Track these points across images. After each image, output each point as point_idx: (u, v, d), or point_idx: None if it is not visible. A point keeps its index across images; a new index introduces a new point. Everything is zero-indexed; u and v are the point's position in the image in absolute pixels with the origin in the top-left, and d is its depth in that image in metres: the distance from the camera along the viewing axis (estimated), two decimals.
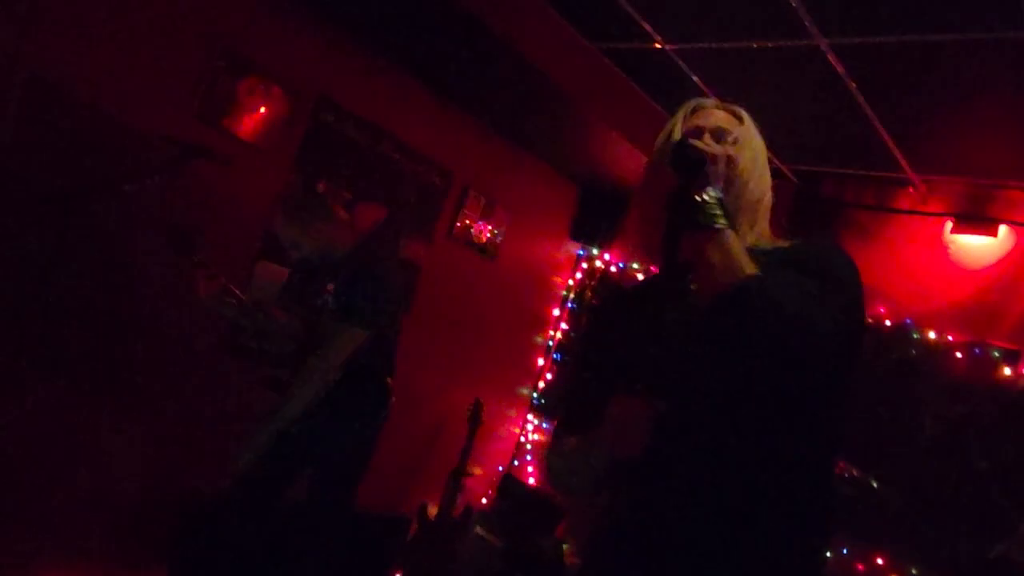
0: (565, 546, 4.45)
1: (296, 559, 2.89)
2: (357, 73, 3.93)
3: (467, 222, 4.61)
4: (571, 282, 5.28)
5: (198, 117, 3.34)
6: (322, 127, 3.84)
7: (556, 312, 5.24)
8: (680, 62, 3.54)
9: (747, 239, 1.40)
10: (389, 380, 3.04)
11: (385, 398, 2.98)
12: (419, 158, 4.29)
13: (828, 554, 1.38)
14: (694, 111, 1.58)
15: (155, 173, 2.66)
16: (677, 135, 1.52)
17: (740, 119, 1.56)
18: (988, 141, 3.47)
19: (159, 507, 3.37)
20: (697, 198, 1.26)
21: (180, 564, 2.94)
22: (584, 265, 5.26)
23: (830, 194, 4.32)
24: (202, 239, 2.77)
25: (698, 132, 1.52)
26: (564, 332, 5.20)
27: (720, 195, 1.29)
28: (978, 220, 3.85)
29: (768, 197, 1.55)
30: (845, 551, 3.67)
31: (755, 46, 3.19)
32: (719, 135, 1.52)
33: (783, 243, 1.50)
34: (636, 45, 3.54)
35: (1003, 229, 3.77)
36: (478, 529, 4.37)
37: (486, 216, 4.71)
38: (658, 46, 3.47)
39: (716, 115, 1.56)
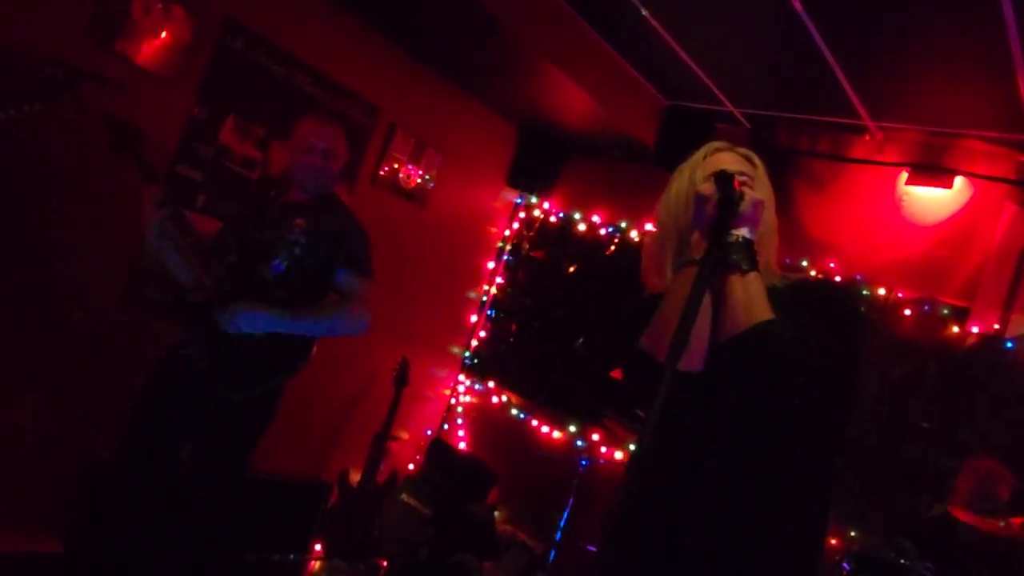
0: (497, 512, 4.51)
1: (197, 526, 2.82)
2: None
3: (394, 165, 4.51)
4: (508, 232, 5.24)
5: (87, 36, 3.14)
6: (230, 55, 3.66)
7: (491, 265, 5.21)
8: None
9: (764, 278, 1.54)
10: None
11: (307, 351, 2.91)
12: (341, 92, 4.14)
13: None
14: (708, 155, 1.70)
15: (35, 99, 2.49)
16: (700, 180, 1.63)
17: (754, 163, 1.69)
18: (948, 89, 3.52)
19: (55, 474, 3.27)
20: (732, 238, 1.45)
21: (76, 532, 2.85)
22: (522, 214, 5.23)
23: (784, 141, 4.37)
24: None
25: (724, 175, 1.62)
26: (500, 287, 5.18)
27: (751, 237, 1.49)
28: (933, 171, 3.93)
29: (777, 238, 1.71)
30: None
31: None
32: (741, 179, 1.61)
33: (790, 276, 1.69)
34: None
35: (958, 181, 3.87)
36: (404, 496, 4.38)
37: (415, 159, 4.60)
38: None
39: (733, 158, 1.68)
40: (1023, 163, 3.78)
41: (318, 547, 4.10)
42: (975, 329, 3.73)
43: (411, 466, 4.84)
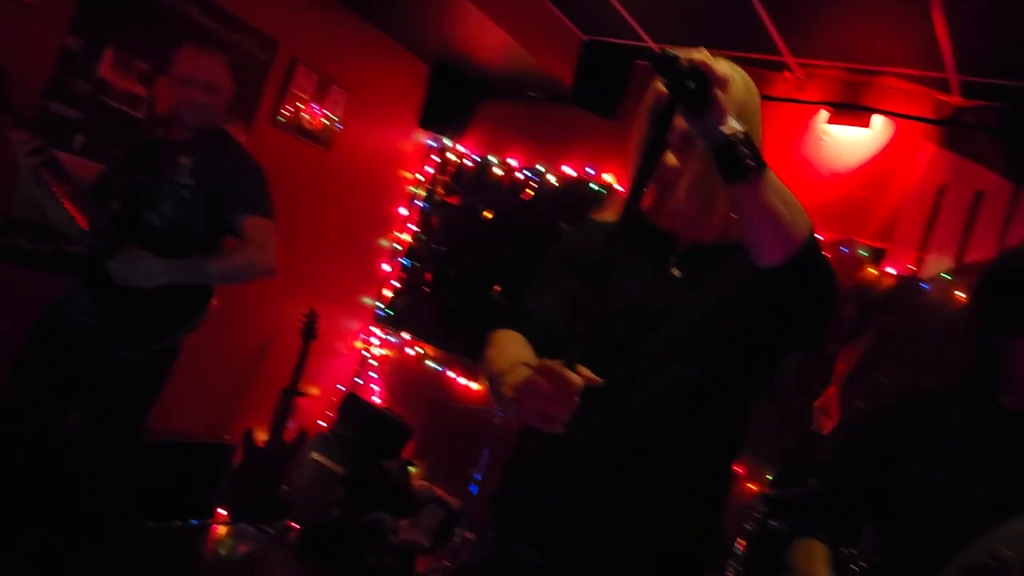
0: (412, 468, 4.47)
1: (90, 494, 2.71)
2: None
3: (296, 105, 4.33)
4: (421, 177, 5.12)
5: None
6: None
7: (404, 211, 5.10)
8: None
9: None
10: None
11: (205, 304, 2.77)
12: (235, 23, 3.93)
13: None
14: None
15: None
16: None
17: (736, 71, 1.52)
18: (867, 25, 3.56)
19: None
20: (725, 130, 1.20)
21: None
22: (436, 158, 5.11)
23: None
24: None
25: None
26: (413, 234, 5.08)
27: (743, 128, 1.23)
28: (852, 110, 4.00)
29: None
30: None
31: None
32: (719, 84, 1.38)
33: None
34: None
35: (877, 120, 3.94)
36: (314, 455, 4.37)
37: (319, 98, 4.43)
38: None
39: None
40: (941, 102, 3.86)
41: (222, 511, 4.05)
42: (892, 270, 3.82)
43: (322, 423, 4.79)
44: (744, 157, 1.21)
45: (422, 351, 4.91)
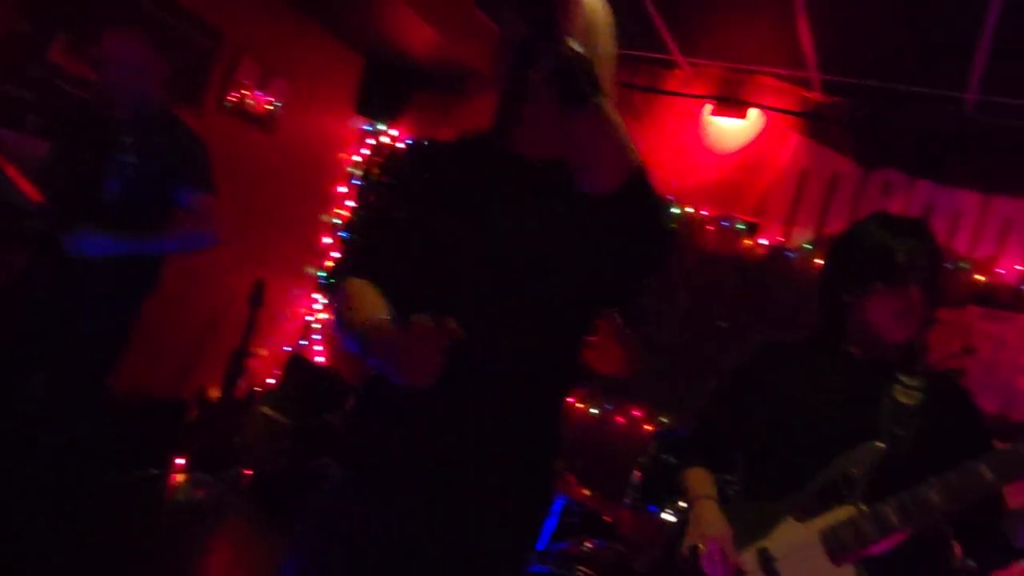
0: None
1: (54, 452, 2.55)
2: None
3: (242, 92, 4.10)
4: (358, 158, 4.94)
5: None
6: None
7: (343, 189, 4.91)
8: None
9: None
10: None
11: (156, 274, 2.59)
12: (182, 14, 3.68)
13: None
14: None
15: None
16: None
17: None
18: (745, 29, 3.60)
19: None
20: (567, 54, 1.03)
21: None
22: (371, 141, 4.92)
23: None
24: None
25: None
26: (351, 210, 4.90)
27: (586, 52, 1.06)
28: (732, 103, 4.03)
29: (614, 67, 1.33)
30: (608, 407, 3.92)
31: None
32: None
33: None
34: None
35: (752, 112, 3.99)
36: (264, 409, 4.23)
37: (262, 86, 4.21)
38: None
39: None
40: (805, 98, 3.95)
41: (180, 461, 3.86)
42: (764, 241, 3.89)
43: (270, 381, 4.64)
44: (583, 82, 1.05)
45: None
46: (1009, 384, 3.25)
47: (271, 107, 4.27)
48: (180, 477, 3.83)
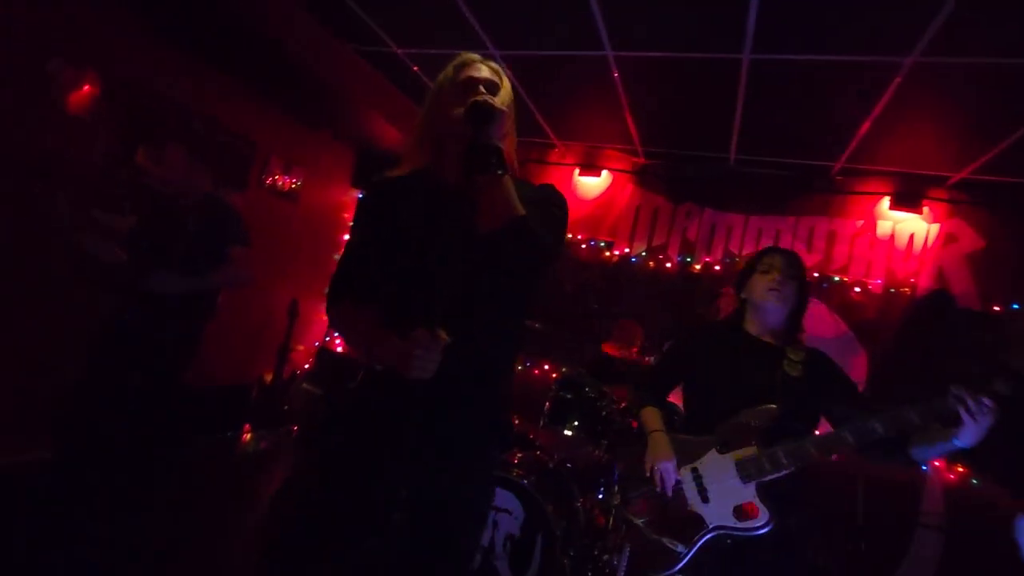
0: None
1: (147, 424, 2.50)
2: (181, 72, 3.31)
3: (274, 177, 4.16)
4: None
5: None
6: (141, 110, 3.19)
7: (347, 238, 4.97)
8: (408, 61, 3.42)
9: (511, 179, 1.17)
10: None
11: (213, 302, 2.60)
12: (227, 131, 3.74)
13: None
14: (464, 65, 1.25)
15: None
16: (459, 80, 1.21)
17: (500, 76, 1.26)
18: (596, 120, 3.66)
19: (43, 396, 2.81)
20: (488, 148, 1.06)
21: (63, 439, 2.47)
22: None
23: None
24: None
25: (473, 83, 1.21)
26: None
27: (501, 146, 1.10)
28: (592, 167, 4.09)
29: (515, 139, 1.31)
30: (529, 363, 3.97)
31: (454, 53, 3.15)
32: (491, 87, 1.23)
33: (521, 181, 1.27)
34: (378, 48, 3.31)
35: (604, 172, 4.07)
36: (304, 384, 4.22)
37: (287, 172, 4.27)
38: (394, 49, 3.31)
39: (483, 69, 1.25)
40: (635, 162, 4.00)
41: (247, 425, 3.91)
42: (617, 253, 3.95)
43: (307, 366, 4.60)
44: (492, 162, 1.06)
45: None
46: None
47: (294, 186, 4.31)
48: (248, 436, 3.88)
